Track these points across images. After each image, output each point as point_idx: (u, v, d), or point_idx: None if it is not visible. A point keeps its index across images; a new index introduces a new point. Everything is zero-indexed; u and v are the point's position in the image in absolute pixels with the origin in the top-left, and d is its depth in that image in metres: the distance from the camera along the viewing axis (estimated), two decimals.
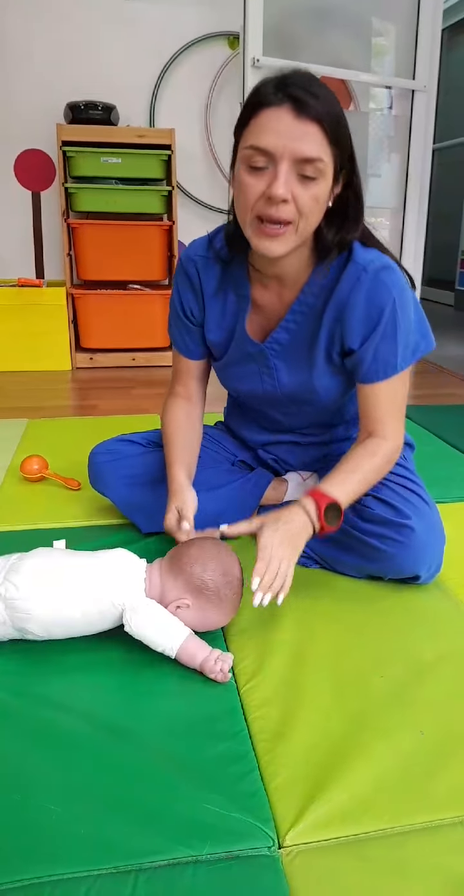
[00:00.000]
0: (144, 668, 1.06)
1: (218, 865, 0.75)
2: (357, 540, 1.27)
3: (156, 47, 3.35)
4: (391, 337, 1.18)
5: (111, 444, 1.52)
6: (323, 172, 1.05)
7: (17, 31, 3.22)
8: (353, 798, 0.84)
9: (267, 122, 1.02)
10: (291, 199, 1.05)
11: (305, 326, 1.25)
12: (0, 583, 1.05)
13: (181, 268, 1.33)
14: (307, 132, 1.01)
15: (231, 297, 1.30)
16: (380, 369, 1.20)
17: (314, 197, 1.06)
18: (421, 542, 1.23)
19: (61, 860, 0.75)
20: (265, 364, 1.32)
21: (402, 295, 1.17)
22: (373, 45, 3.44)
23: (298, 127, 1.01)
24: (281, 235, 1.08)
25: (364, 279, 1.15)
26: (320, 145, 1.03)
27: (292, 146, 1.01)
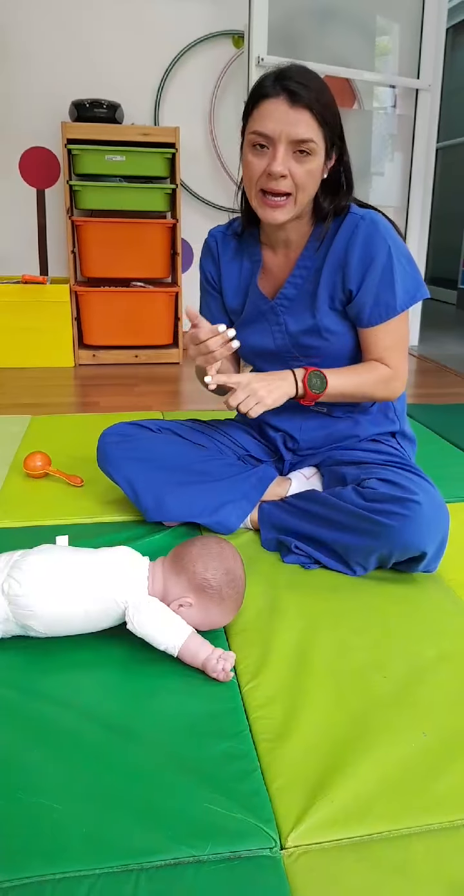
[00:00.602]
0: (146, 666, 1.06)
1: (220, 866, 0.75)
2: (363, 518, 1.27)
3: (161, 46, 3.34)
4: (389, 280, 1.33)
5: (122, 426, 1.56)
6: (315, 150, 1.25)
7: (23, 30, 3.22)
8: (355, 799, 0.83)
9: (266, 110, 1.24)
10: (288, 174, 1.25)
11: (309, 279, 1.40)
12: (3, 580, 1.06)
13: (205, 244, 1.55)
14: (300, 118, 1.23)
15: (245, 264, 1.49)
16: (382, 312, 1.35)
17: (308, 171, 1.27)
18: (427, 515, 1.23)
19: (63, 858, 0.75)
20: (276, 321, 1.45)
21: (396, 242, 1.35)
22: (377, 44, 3.44)
23: (291, 114, 1.23)
24: (282, 206, 1.30)
25: (362, 226, 1.33)
26: (311, 128, 1.24)
27: (288, 130, 1.23)
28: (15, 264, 3.46)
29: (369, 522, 1.26)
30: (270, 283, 1.46)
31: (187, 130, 3.38)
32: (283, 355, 1.48)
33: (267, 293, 1.46)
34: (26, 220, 3.45)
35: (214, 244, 1.53)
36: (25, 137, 3.35)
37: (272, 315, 1.46)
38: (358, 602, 1.26)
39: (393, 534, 1.24)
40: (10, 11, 3.19)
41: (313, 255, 1.39)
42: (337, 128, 1.30)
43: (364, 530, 1.28)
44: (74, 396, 2.80)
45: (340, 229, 1.35)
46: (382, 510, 1.25)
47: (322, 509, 1.36)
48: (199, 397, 2.78)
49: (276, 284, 1.45)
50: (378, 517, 1.25)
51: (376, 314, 1.36)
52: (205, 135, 3.51)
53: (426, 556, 1.27)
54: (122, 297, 3.27)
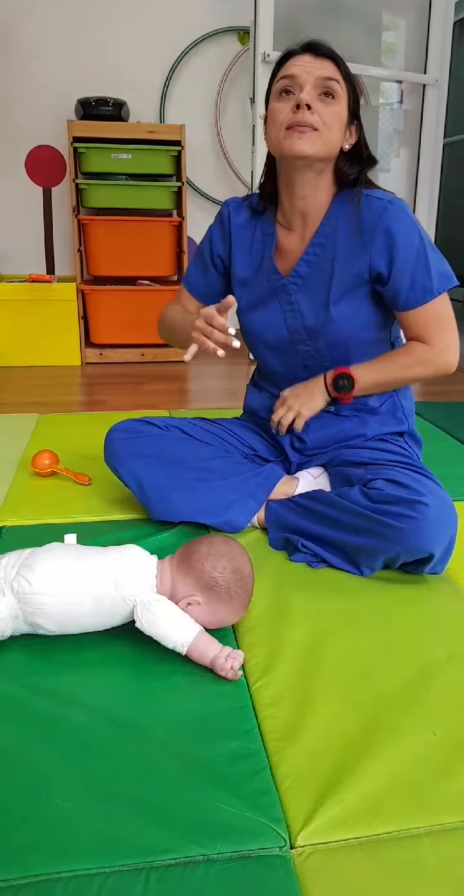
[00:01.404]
0: (155, 664, 1.06)
1: (229, 865, 0.75)
2: (370, 519, 1.26)
3: (166, 43, 3.34)
4: (424, 264, 1.34)
5: (130, 423, 1.56)
6: (339, 95, 1.30)
7: (28, 28, 3.22)
8: (365, 799, 0.83)
9: (293, 62, 1.31)
10: (315, 109, 1.28)
11: (324, 258, 1.41)
12: (13, 578, 1.06)
13: (218, 213, 1.55)
14: (324, 64, 1.30)
15: (258, 235, 1.49)
16: (418, 296, 1.36)
17: (335, 113, 1.30)
18: (435, 517, 1.22)
19: (73, 856, 0.75)
20: (287, 300, 1.46)
21: (423, 229, 1.36)
22: (383, 39, 3.42)
23: (316, 61, 1.29)
24: (308, 134, 1.29)
25: (391, 209, 1.33)
26: (335, 71, 1.30)
27: (313, 70, 1.29)
28: (22, 263, 3.46)
29: (376, 524, 1.26)
30: (285, 262, 1.46)
31: (193, 128, 3.37)
32: (292, 336, 1.47)
33: (281, 271, 1.46)
34: (33, 218, 3.46)
35: (227, 213, 1.53)
36: (31, 136, 3.35)
37: (284, 294, 1.46)
38: (367, 601, 1.26)
39: (400, 536, 1.23)
40: (16, 10, 3.19)
41: (329, 230, 1.39)
42: (358, 102, 1.35)
43: (371, 531, 1.27)
44: (81, 395, 2.80)
45: (362, 209, 1.35)
46: (389, 512, 1.24)
47: (329, 510, 1.35)
48: (206, 396, 2.78)
49: (289, 263, 1.45)
50: (385, 519, 1.24)
51: (412, 297, 1.36)
52: (211, 132, 3.51)
53: (434, 557, 1.26)
54: (128, 295, 3.27)
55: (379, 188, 1.40)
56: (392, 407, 1.52)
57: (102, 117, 3.11)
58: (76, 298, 3.18)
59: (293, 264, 1.44)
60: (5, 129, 3.31)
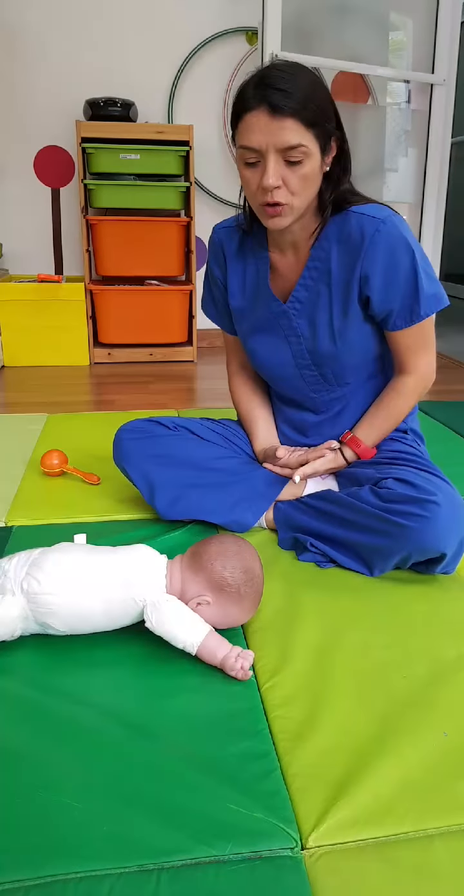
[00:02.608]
0: (165, 664, 1.06)
1: (241, 866, 0.74)
2: (380, 519, 1.26)
3: (174, 43, 3.34)
4: (414, 287, 1.31)
5: (139, 423, 1.55)
6: (307, 154, 1.20)
7: (37, 29, 3.22)
8: (376, 799, 0.83)
9: (249, 124, 1.19)
10: (282, 184, 1.22)
11: (320, 280, 1.38)
12: (23, 578, 1.06)
13: (210, 241, 1.54)
14: (284, 126, 1.17)
15: (251, 262, 1.46)
16: (406, 318, 1.34)
17: (302, 177, 1.22)
18: (446, 517, 1.22)
19: (84, 857, 0.75)
20: (289, 325, 1.43)
21: (418, 247, 1.31)
22: (391, 39, 3.41)
23: (274, 124, 1.17)
24: (280, 214, 1.26)
25: (383, 231, 1.28)
26: (298, 133, 1.18)
27: (274, 140, 1.18)
28: (30, 263, 3.47)
29: (387, 524, 1.25)
30: (281, 286, 1.43)
31: (201, 128, 3.37)
32: (297, 361, 1.45)
33: (279, 296, 1.43)
34: (41, 219, 3.46)
35: (218, 240, 1.51)
36: (40, 136, 3.35)
37: (285, 319, 1.43)
38: (377, 601, 1.25)
39: (411, 535, 1.23)
40: (24, 11, 3.19)
41: (322, 253, 1.36)
42: (330, 121, 1.23)
43: (381, 531, 1.27)
44: (90, 394, 2.80)
45: (352, 226, 1.30)
46: (399, 511, 1.24)
47: (338, 510, 1.35)
48: (213, 395, 2.78)
49: (287, 287, 1.42)
50: (396, 518, 1.24)
51: (400, 319, 1.34)
52: (219, 132, 3.50)
53: (445, 557, 1.26)
54: (136, 295, 3.27)
55: (373, 201, 1.34)
56: None
57: (111, 118, 3.11)
58: (85, 298, 3.19)
59: (290, 289, 1.41)
60: (14, 129, 3.32)
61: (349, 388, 1.47)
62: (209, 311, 1.62)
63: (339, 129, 1.27)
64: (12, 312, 3.14)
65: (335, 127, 1.26)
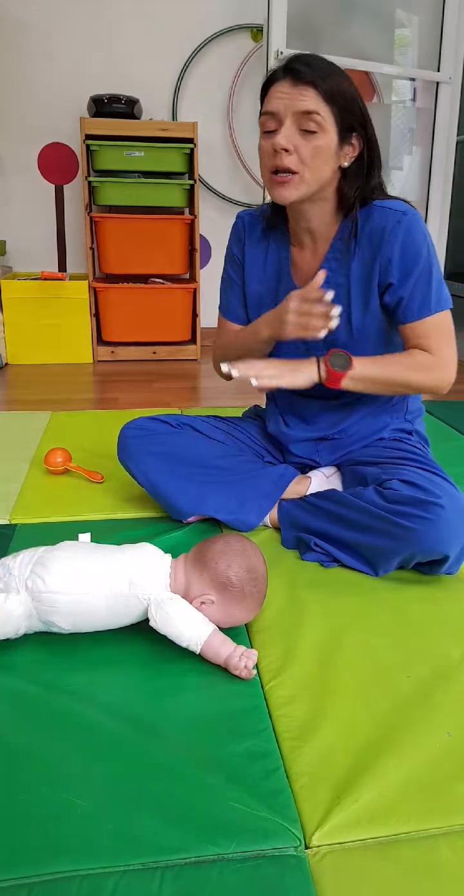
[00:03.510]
0: (169, 663, 1.06)
1: (245, 864, 0.75)
2: (384, 520, 1.26)
3: (179, 40, 3.33)
4: (428, 280, 1.32)
5: (143, 421, 1.55)
6: (322, 126, 1.24)
7: (41, 26, 3.22)
8: (380, 799, 0.83)
9: (272, 93, 1.26)
10: (293, 149, 1.24)
11: (339, 272, 1.38)
12: (27, 576, 1.06)
13: (234, 226, 1.54)
14: (303, 93, 1.22)
15: (273, 251, 1.48)
16: (415, 310, 1.33)
17: (316, 148, 1.25)
18: (450, 519, 1.22)
19: (88, 855, 0.75)
20: None
21: (433, 246, 1.33)
22: (396, 37, 3.41)
23: (295, 90, 1.23)
24: (288, 182, 1.27)
25: (405, 221, 1.30)
26: (315, 101, 1.22)
27: (291, 104, 1.23)
28: (34, 261, 3.47)
29: (391, 525, 1.25)
30: (301, 280, 1.44)
31: (206, 125, 3.37)
32: (310, 352, 1.43)
33: (299, 287, 1.43)
34: (45, 216, 3.46)
35: (242, 225, 1.52)
36: (44, 133, 3.35)
37: None
38: (380, 601, 1.25)
39: (415, 537, 1.23)
40: (28, 8, 3.19)
41: (342, 245, 1.37)
42: (355, 112, 1.27)
43: (385, 532, 1.27)
44: (93, 393, 2.81)
45: (374, 221, 1.32)
46: (403, 513, 1.24)
47: (343, 509, 1.35)
48: (217, 394, 2.78)
49: (305, 280, 1.43)
50: (400, 520, 1.24)
51: (409, 311, 1.33)
52: (223, 130, 3.50)
53: (449, 558, 1.26)
54: (140, 293, 3.27)
55: (393, 197, 1.36)
56: (401, 407, 1.51)
57: (115, 115, 3.11)
58: (88, 296, 3.19)
59: (309, 280, 1.39)
60: (18, 126, 3.32)
61: None
62: (223, 292, 1.58)
63: (363, 128, 1.29)
64: (16, 310, 3.14)
65: (360, 124, 1.28)
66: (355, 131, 1.28)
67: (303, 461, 1.55)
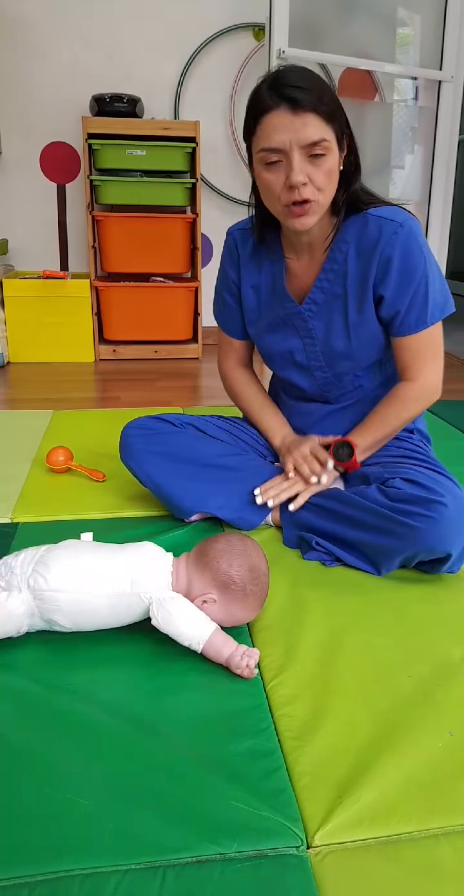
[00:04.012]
0: (170, 661, 1.06)
1: (246, 864, 0.74)
2: (387, 519, 1.26)
3: (181, 39, 3.33)
4: (424, 294, 1.32)
5: (145, 420, 1.55)
6: (329, 148, 1.22)
7: (43, 25, 3.22)
8: (382, 798, 0.83)
9: (270, 124, 1.20)
10: (308, 181, 1.22)
11: (336, 282, 1.38)
12: (29, 574, 1.06)
13: (225, 245, 1.53)
14: (306, 121, 1.18)
15: (266, 264, 1.46)
16: (411, 324, 1.34)
17: (327, 172, 1.24)
18: (453, 518, 1.22)
19: (90, 854, 0.75)
20: (304, 327, 1.44)
21: (430, 253, 1.33)
22: (398, 35, 3.40)
23: (297, 120, 1.18)
24: (307, 212, 1.26)
25: (401, 234, 1.29)
26: (320, 127, 1.19)
27: (297, 137, 1.18)
28: (35, 259, 3.47)
29: (394, 523, 1.25)
30: (296, 288, 1.43)
31: (207, 124, 3.37)
32: (310, 362, 1.47)
33: (294, 298, 1.44)
34: (47, 215, 3.46)
35: (233, 242, 1.50)
36: (46, 133, 3.35)
37: (300, 321, 1.43)
38: (382, 600, 1.25)
39: (418, 535, 1.23)
40: (30, 6, 3.19)
41: (339, 255, 1.36)
42: (343, 118, 1.25)
43: (388, 531, 1.27)
44: (95, 391, 2.81)
45: (370, 231, 1.31)
46: (406, 511, 1.24)
47: (345, 508, 1.35)
48: (218, 393, 2.77)
49: (302, 288, 1.43)
50: (403, 518, 1.24)
51: (406, 325, 1.34)
52: (225, 129, 3.50)
53: (451, 557, 1.26)
54: (142, 292, 3.27)
55: (388, 203, 1.35)
56: None
57: (117, 114, 3.11)
58: (90, 295, 3.19)
59: (306, 290, 1.42)
60: (20, 125, 3.32)
61: (362, 381, 1.47)
62: (218, 312, 1.60)
63: (348, 127, 1.28)
64: (18, 309, 3.14)
65: (347, 126, 1.27)
66: (344, 132, 1.27)
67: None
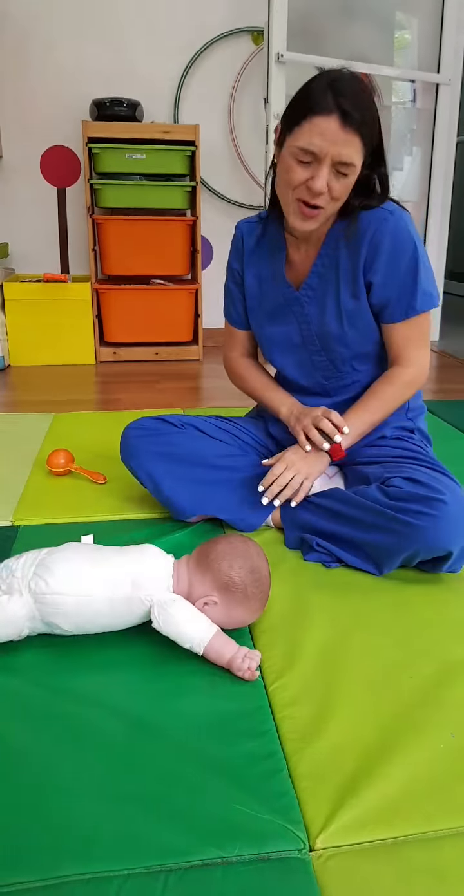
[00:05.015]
0: (172, 664, 1.06)
1: (248, 867, 0.74)
2: (388, 518, 1.26)
3: (180, 43, 3.34)
4: (413, 279, 1.35)
5: (146, 421, 1.55)
6: (355, 169, 1.25)
7: (43, 29, 3.22)
8: (384, 800, 0.82)
9: (317, 128, 1.20)
10: (327, 190, 1.25)
11: (330, 267, 1.41)
12: (30, 577, 1.06)
13: (233, 238, 1.57)
14: (349, 140, 1.21)
15: (268, 253, 1.49)
16: (402, 310, 1.37)
17: (346, 186, 1.27)
18: (454, 515, 1.22)
19: (92, 858, 0.75)
20: (301, 311, 1.46)
21: (421, 245, 1.35)
22: (396, 38, 3.41)
23: (342, 135, 1.20)
24: (315, 216, 1.30)
25: (391, 220, 1.32)
26: (358, 151, 1.23)
27: (335, 151, 1.21)
28: (36, 263, 3.47)
29: (394, 522, 1.25)
30: (295, 275, 1.46)
31: (207, 128, 3.37)
32: (307, 347, 1.48)
33: (292, 283, 1.46)
34: (47, 218, 3.46)
35: (240, 235, 1.54)
36: (46, 136, 3.36)
37: (297, 306, 1.46)
38: (383, 601, 1.25)
39: (419, 534, 1.23)
40: (30, 11, 3.20)
41: (334, 244, 1.39)
42: (377, 138, 1.27)
43: (389, 530, 1.26)
44: (96, 393, 2.81)
45: (361, 219, 1.34)
46: (407, 509, 1.24)
47: (346, 508, 1.35)
48: (219, 394, 2.78)
49: (300, 276, 1.45)
50: (404, 517, 1.24)
51: (398, 311, 1.37)
52: (224, 132, 3.50)
53: (452, 555, 1.26)
54: (142, 294, 3.27)
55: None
56: (402, 406, 1.51)
57: (117, 118, 3.11)
58: (91, 298, 3.19)
59: (304, 276, 1.45)
60: (20, 129, 3.32)
61: (360, 376, 1.48)
62: (225, 303, 1.63)
63: (380, 147, 1.29)
64: (19, 312, 3.15)
65: (377, 145, 1.28)
66: (376, 152, 1.29)
67: None
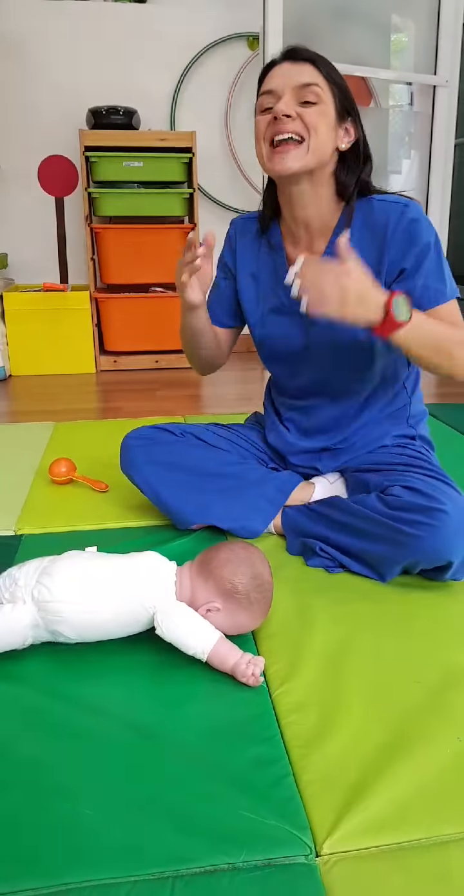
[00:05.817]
0: (175, 671, 1.06)
1: (255, 873, 0.74)
2: (387, 527, 1.25)
3: (176, 50, 3.35)
4: (439, 265, 1.30)
5: (145, 430, 1.55)
6: (321, 98, 1.23)
7: (39, 39, 3.24)
8: (391, 806, 0.82)
9: (271, 73, 1.26)
10: (295, 115, 1.22)
11: None
12: (33, 586, 1.06)
13: (226, 233, 1.55)
14: (302, 69, 1.23)
15: (266, 252, 1.46)
16: (431, 296, 1.29)
17: (319, 112, 1.23)
18: (454, 525, 1.20)
19: (99, 865, 0.75)
20: (301, 314, 1.33)
21: (438, 235, 1.32)
22: (393, 41, 3.42)
23: (293, 67, 1.24)
24: (292, 150, 1.23)
25: (407, 212, 1.29)
26: (315, 75, 1.23)
27: (290, 79, 1.23)
28: (35, 272, 3.48)
29: (394, 532, 1.24)
30: None
31: (204, 134, 3.38)
32: (306, 352, 1.43)
33: None
34: (46, 228, 3.48)
35: (234, 232, 1.52)
36: (43, 146, 3.37)
37: (297, 307, 1.39)
38: (387, 607, 1.25)
39: (419, 544, 1.22)
40: (26, 21, 3.21)
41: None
42: (350, 99, 1.27)
43: (389, 539, 1.26)
44: (97, 402, 2.81)
45: (376, 214, 1.30)
46: (407, 519, 1.23)
47: (346, 517, 1.34)
48: (219, 401, 2.78)
49: None
50: (403, 527, 1.23)
51: (426, 297, 1.29)
52: (221, 138, 3.51)
53: (452, 565, 1.25)
54: (141, 302, 3.28)
55: (391, 192, 1.35)
56: (403, 413, 1.51)
57: (114, 126, 3.13)
58: (90, 306, 3.20)
59: None
60: (18, 139, 3.34)
61: (364, 378, 1.43)
62: (210, 300, 1.54)
63: (355, 111, 1.29)
64: (18, 322, 3.15)
65: (354, 111, 1.29)
66: (351, 116, 1.28)
67: (305, 471, 1.55)
